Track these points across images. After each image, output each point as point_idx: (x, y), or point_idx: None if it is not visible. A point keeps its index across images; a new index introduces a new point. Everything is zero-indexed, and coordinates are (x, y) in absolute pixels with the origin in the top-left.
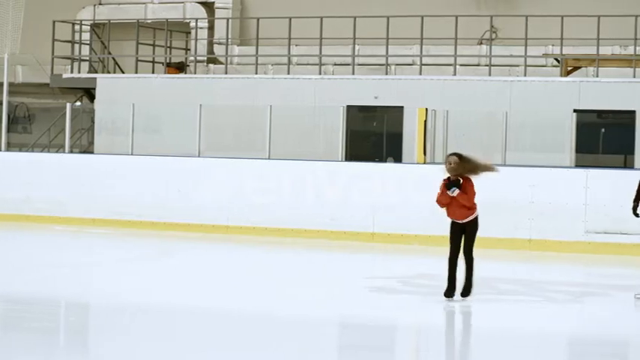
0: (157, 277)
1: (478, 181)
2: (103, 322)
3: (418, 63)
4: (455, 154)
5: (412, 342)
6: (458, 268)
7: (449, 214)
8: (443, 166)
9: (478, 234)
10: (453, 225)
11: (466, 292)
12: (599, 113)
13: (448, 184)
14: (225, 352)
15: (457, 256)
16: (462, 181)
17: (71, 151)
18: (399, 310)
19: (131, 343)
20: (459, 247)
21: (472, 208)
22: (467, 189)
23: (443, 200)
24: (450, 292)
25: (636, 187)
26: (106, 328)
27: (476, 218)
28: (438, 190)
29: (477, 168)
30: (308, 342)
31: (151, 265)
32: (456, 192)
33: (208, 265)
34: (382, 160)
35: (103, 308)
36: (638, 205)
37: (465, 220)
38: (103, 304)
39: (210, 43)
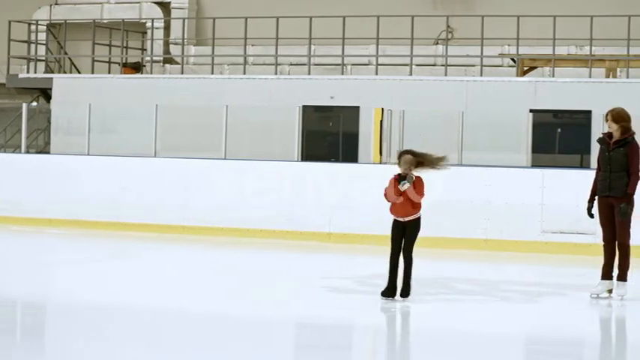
0: (112, 277)
1: (434, 180)
2: (57, 322)
3: (374, 63)
4: (408, 151)
5: (368, 342)
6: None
7: (392, 211)
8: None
9: (430, 234)
10: (395, 223)
11: (405, 292)
12: (556, 113)
13: (400, 177)
14: (180, 353)
15: (398, 256)
16: (414, 177)
17: (27, 152)
18: (356, 309)
19: (84, 344)
20: (400, 246)
21: (417, 207)
22: (417, 186)
23: (391, 194)
24: (388, 292)
25: (591, 187)
26: (61, 328)
27: (418, 219)
28: (387, 184)
29: (430, 162)
30: (264, 342)
31: (107, 266)
32: (406, 185)
33: (164, 265)
34: (338, 160)
35: (58, 308)
36: (592, 206)
37: (406, 219)
38: (59, 304)
39: (167, 43)
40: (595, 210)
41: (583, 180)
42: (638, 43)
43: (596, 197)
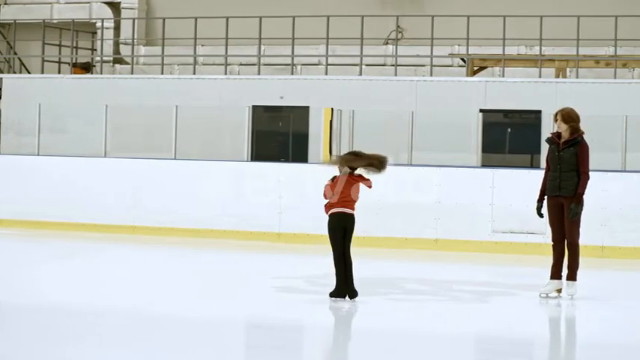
0: (63, 278)
1: (384, 180)
2: (6, 324)
3: (324, 63)
4: (351, 152)
5: (318, 342)
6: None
7: (332, 207)
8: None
9: (380, 234)
10: (333, 223)
11: (353, 293)
12: (506, 113)
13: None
14: (129, 352)
15: (343, 255)
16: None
17: None
18: (306, 309)
19: (36, 345)
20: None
21: (353, 204)
22: (359, 183)
23: (329, 192)
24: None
25: (540, 187)
26: (11, 330)
27: (353, 215)
28: (328, 182)
29: (373, 159)
30: (213, 342)
31: (58, 266)
32: (346, 170)
33: (115, 265)
34: (288, 159)
35: (7, 310)
36: (542, 206)
37: (348, 211)
38: (8, 306)
39: (117, 44)
40: (544, 210)
41: (533, 180)
42: (587, 44)
43: (546, 197)
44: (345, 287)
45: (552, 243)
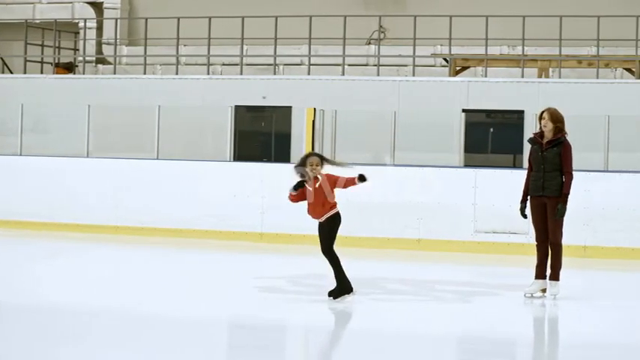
0: (46, 278)
1: (366, 182)
2: None
3: (306, 63)
4: (316, 154)
5: (301, 342)
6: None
7: (309, 212)
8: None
9: (362, 234)
10: (318, 224)
11: (336, 292)
12: (488, 113)
13: (296, 184)
14: (112, 352)
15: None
16: (315, 176)
17: None
18: (289, 309)
19: (18, 344)
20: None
21: (327, 206)
22: (326, 185)
23: (293, 198)
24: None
25: (523, 188)
26: None
27: (333, 216)
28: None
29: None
30: (196, 342)
31: (40, 266)
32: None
33: (97, 265)
34: (270, 160)
35: None
36: (525, 206)
37: (322, 219)
38: None
39: (99, 44)
40: (528, 210)
41: (516, 180)
42: (570, 43)
43: (529, 197)
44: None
45: (536, 243)
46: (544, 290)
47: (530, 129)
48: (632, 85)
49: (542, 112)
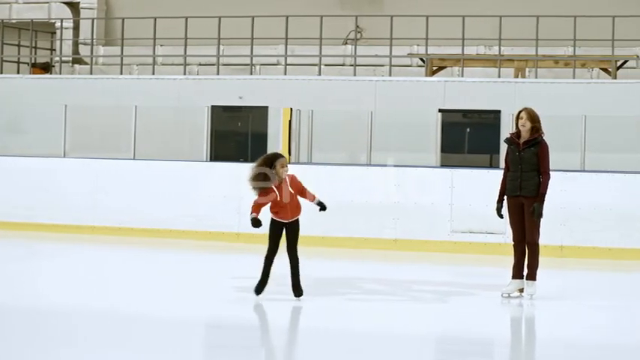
0: (24, 278)
1: (345, 180)
2: None
3: (283, 63)
4: (282, 155)
5: (278, 341)
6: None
7: (278, 214)
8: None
9: (339, 234)
10: (276, 224)
11: (298, 291)
12: (465, 113)
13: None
14: (92, 353)
15: (275, 255)
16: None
17: None
18: (267, 309)
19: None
20: (279, 246)
21: (300, 207)
22: (294, 185)
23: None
24: (261, 289)
25: (499, 188)
26: None
27: (299, 217)
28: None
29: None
30: (174, 342)
31: (18, 266)
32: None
33: (74, 265)
34: (247, 160)
35: None
36: (502, 206)
37: (292, 220)
38: None
39: (76, 44)
40: (504, 210)
41: (492, 180)
42: (546, 44)
43: (505, 197)
44: (264, 284)
45: (513, 243)
46: (521, 290)
47: (506, 129)
48: (609, 85)
49: (520, 111)
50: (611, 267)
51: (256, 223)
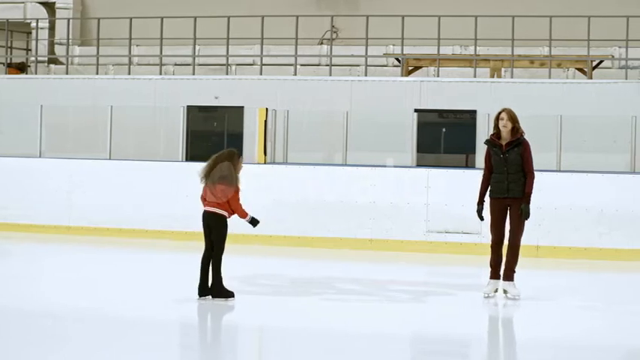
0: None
1: (322, 179)
2: None
3: (259, 63)
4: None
5: (255, 341)
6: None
7: (238, 210)
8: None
9: (315, 234)
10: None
11: (212, 293)
12: (440, 113)
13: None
14: (56, 353)
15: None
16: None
17: None
18: (242, 309)
19: None
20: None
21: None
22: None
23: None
24: (204, 292)
25: (479, 189)
26: None
27: (223, 216)
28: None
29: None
30: (146, 342)
31: None
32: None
33: (50, 266)
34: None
35: None
36: (482, 208)
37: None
38: None
39: (51, 44)
40: (485, 212)
41: (468, 180)
42: (522, 44)
43: (490, 199)
44: (206, 286)
45: (491, 244)
46: (497, 290)
47: (482, 129)
48: (584, 85)
49: (500, 112)
50: (588, 267)
51: (256, 221)
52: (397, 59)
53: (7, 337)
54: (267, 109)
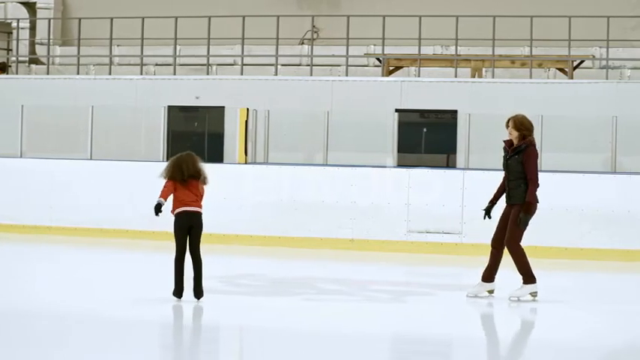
0: None
1: (300, 181)
2: None
3: (239, 63)
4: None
5: (233, 341)
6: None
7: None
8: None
9: (296, 234)
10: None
11: (199, 293)
12: (421, 113)
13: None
14: (38, 353)
15: (185, 255)
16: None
17: None
18: (221, 309)
19: None
20: (187, 245)
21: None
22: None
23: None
24: (179, 293)
25: (495, 190)
26: None
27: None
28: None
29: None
30: (124, 342)
31: None
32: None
33: (30, 266)
34: (203, 160)
35: None
36: (491, 207)
37: (196, 209)
38: None
39: (32, 44)
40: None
41: (449, 180)
42: (503, 43)
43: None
44: (181, 288)
45: (491, 247)
46: (490, 292)
47: (463, 129)
48: (565, 85)
49: (509, 119)
50: (568, 267)
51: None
52: (378, 59)
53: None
54: (247, 109)
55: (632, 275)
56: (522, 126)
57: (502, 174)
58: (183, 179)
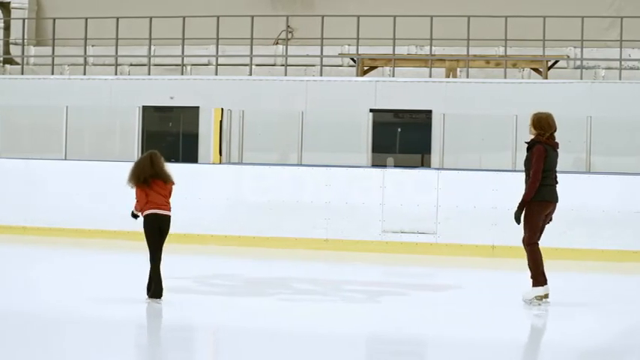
0: None
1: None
2: None
3: (214, 63)
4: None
5: (208, 341)
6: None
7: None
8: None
9: (270, 234)
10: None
11: (159, 293)
12: (396, 113)
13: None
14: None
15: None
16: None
17: None
18: (196, 310)
19: None
20: (160, 244)
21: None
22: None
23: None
24: (159, 293)
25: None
26: None
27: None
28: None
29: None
30: (102, 342)
31: None
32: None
33: (6, 267)
34: (178, 160)
35: None
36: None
37: (166, 212)
38: None
39: (7, 44)
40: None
41: (424, 179)
42: (477, 44)
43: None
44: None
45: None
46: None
47: (438, 129)
48: (540, 85)
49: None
50: (545, 267)
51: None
52: (352, 59)
53: None
54: (222, 109)
55: (607, 275)
56: (538, 124)
57: (476, 174)
58: (146, 181)
